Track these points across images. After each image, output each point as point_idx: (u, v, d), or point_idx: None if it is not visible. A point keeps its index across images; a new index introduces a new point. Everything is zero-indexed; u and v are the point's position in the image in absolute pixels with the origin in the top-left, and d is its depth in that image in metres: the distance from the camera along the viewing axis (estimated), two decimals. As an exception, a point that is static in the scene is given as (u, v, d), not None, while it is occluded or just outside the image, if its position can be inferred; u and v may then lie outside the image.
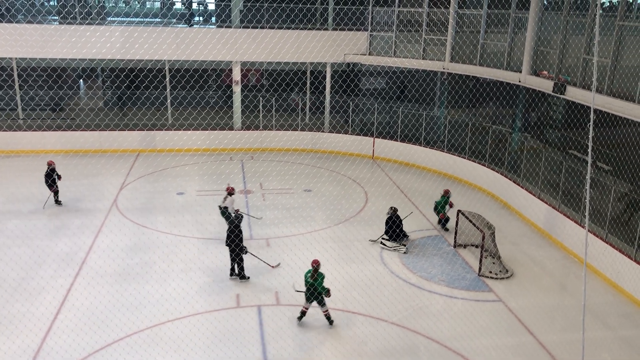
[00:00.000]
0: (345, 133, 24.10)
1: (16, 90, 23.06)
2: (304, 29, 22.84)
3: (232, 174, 20.59)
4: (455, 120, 21.92)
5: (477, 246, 14.90)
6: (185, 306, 12.01)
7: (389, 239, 15.35)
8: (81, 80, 29.17)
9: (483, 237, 13.93)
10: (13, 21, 21.83)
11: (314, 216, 17.30)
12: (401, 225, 15.36)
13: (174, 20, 27.43)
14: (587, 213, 7.31)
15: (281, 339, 11.07)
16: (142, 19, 25.58)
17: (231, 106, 24.48)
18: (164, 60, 22.49)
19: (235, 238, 12.80)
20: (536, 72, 18.22)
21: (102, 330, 11.12)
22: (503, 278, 13.86)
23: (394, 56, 22.89)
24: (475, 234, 14.84)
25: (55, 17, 23.69)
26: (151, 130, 23.18)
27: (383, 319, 11.89)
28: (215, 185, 19.34)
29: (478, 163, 20.08)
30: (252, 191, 19.21)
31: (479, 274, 13.94)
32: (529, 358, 10.97)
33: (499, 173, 19.10)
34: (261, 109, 24.44)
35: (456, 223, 15.41)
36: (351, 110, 24.31)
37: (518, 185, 18.04)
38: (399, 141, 22.73)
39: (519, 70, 18.68)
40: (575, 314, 12.41)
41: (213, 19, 28.02)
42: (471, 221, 14.56)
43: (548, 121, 22.30)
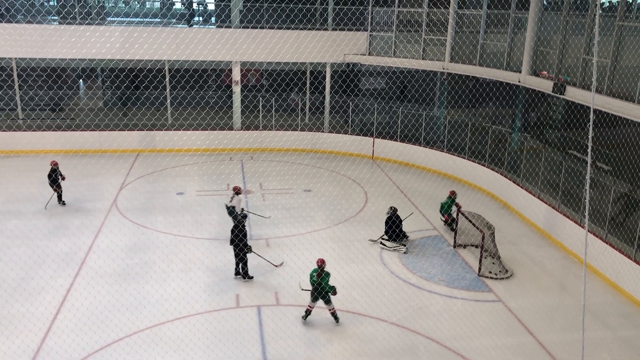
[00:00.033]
0: (345, 133, 24.10)
1: (16, 90, 23.05)
2: (304, 29, 22.84)
3: (232, 174, 20.59)
4: (455, 120, 21.92)
5: (477, 246, 14.90)
6: (185, 306, 12.01)
7: (389, 239, 15.35)
8: (81, 80, 29.15)
9: (483, 237, 13.93)
10: (13, 21, 21.80)
11: (314, 216, 17.30)
12: (401, 225, 15.37)
13: (174, 20, 27.39)
14: (587, 213, 7.32)
15: (281, 339, 11.07)
16: (142, 19, 25.55)
17: (231, 106, 24.47)
18: (164, 60, 22.48)
19: (243, 237, 12.84)
20: (536, 72, 18.22)
21: (102, 330, 11.12)
22: (503, 278, 13.86)
23: (394, 56, 22.89)
24: (475, 234, 14.85)
25: (55, 17, 23.67)
26: (151, 130, 23.17)
27: (383, 319, 11.89)
28: (215, 185, 19.35)
29: (478, 163, 20.09)
30: (252, 191, 19.20)
31: (479, 274, 13.94)
32: (529, 358, 10.98)
33: (499, 173, 19.10)
34: (261, 109, 24.44)
35: (456, 223, 15.43)
36: (351, 110, 24.31)
37: (518, 185, 18.04)
38: (399, 141, 22.73)
39: (519, 70, 18.68)
40: (575, 314, 12.41)
41: (213, 19, 28.01)
42: (471, 221, 14.56)
43: (548, 121, 22.32)
